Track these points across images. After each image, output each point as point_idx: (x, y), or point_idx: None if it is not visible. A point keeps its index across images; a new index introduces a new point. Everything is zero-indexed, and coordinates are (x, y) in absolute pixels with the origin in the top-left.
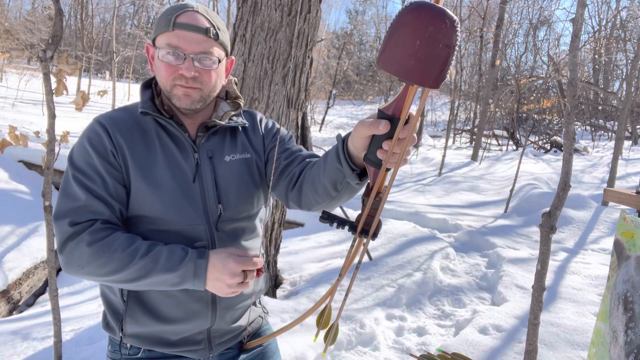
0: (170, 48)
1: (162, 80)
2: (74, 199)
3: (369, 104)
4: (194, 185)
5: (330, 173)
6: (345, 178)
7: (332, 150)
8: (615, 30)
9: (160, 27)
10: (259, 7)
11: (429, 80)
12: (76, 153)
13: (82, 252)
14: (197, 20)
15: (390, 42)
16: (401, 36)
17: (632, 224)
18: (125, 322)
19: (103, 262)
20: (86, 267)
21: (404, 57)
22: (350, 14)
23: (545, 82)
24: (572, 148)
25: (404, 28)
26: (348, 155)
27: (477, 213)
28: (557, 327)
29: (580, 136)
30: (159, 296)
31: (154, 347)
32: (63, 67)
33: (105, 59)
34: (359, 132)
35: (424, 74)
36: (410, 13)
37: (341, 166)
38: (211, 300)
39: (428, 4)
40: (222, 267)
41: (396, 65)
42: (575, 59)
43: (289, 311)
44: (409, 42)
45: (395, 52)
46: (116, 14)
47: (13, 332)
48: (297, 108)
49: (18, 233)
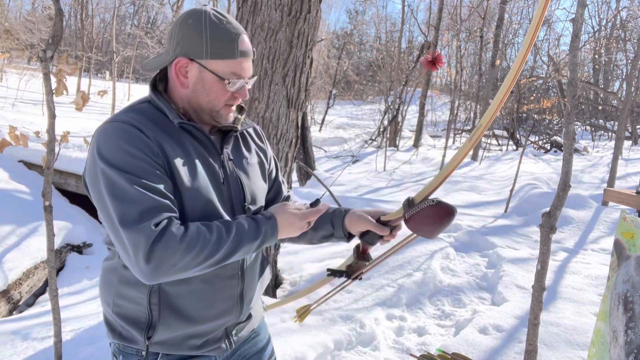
0: (235, 76)
1: (214, 102)
2: (139, 201)
3: (369, 104)
4: (224, 186)
5: (320, 231)
6: (334, 238)
7: (325, 217)
8: (615, 30)
9: (220, 52)
10: (259, 7)
11: (433, 236)
12: (116, 156)
13: (175, 250)
14: (249, 46)
15: (422, 218)
16: (431, 222)
17: (632, 224)
18: (157, 330)
19: (196, 252)
20: (179, 264)
21: (425, 228)
22: (350, 14)
23: (545, 82)
24: (572, 148)
25: (436, 220)
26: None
27: (477, 213)
28: (557, 327)
29: (580, 136)
30: (193, 300)
31: (180, 352)
32: (63, 67)
33: (105, 59)
34: (363, 226)
35: (433, 235)
36: (445, 214)
37: (334, 233)
38: (239, 296)
39: (451, 213)
40: (289, 225)
41: (417, 229)
42: (575, 59)
43: (288, 311)
44: (433, 223)
45: (422, 224)
46: (116, 14)
47: (13, 332)
48: (297, 108)
49: (18, 233)
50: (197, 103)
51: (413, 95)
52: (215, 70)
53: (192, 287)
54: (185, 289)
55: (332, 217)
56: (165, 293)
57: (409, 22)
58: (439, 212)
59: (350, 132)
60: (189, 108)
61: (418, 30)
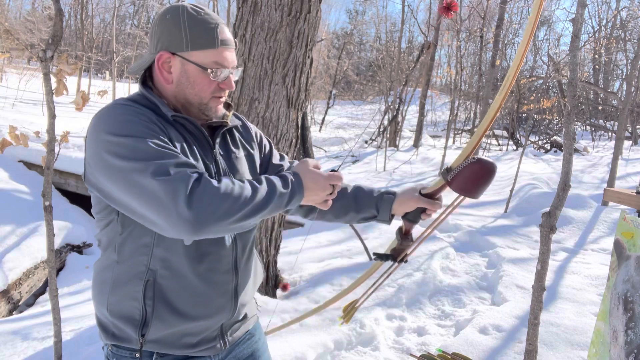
0: (218, 66)
1: (201, 94)
2: (168, 155)
3: (369, 104)
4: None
5: (363, 213)
6: (375, 220)
7: (369, 200)
8: (615, 30)
9: (200, 42)
10: (259, 7)
11: (478, 194)
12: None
13: (214, 193)
14: (230, 35)
15: (465, 178)
16: (475, 179)
17: (632, 224)
18: (151, 326)
19: (235, 197)
20: (220, 209)
21: (470, 185)
22: (350, 14)
23: (545, 82)
24: (572, 148)
25: (479, 175)
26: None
27: (477, 213)
28: (557, 327)
29: (580, 136)
30: (187, 295)
31: (175, 351)
32: (63, 67)
33: (105, 59)
34: (413, 203)
35: (477, 192)
36: (487, 171)
37: (377, 216)
38: (233, 292)
39: (492, 168)
40: (314, 183)
41: (462, 190)
42: (575, 59)
43: (289, 311)
44: (478, 182)
45: (466, 184)
46: (116, 14)
47: (13, 332)
48: (297, 108)
49: (18, 233)
50: (184, 97)
51: (413, 95)
52: (197, 61)
53: (186, 282)
54: (179, 284)
55: (378, 201)
56: (160, 287)
57: (409, 22)
58: (481, 168)
59: (350, 132)
60: (176, 104)
61: (418, 30)
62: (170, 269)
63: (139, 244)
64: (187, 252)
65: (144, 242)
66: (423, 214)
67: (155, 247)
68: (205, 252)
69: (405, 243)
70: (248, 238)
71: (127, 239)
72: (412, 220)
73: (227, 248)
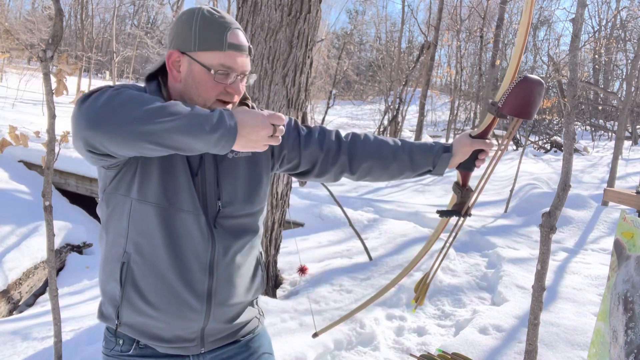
0: (224, 68)
1: (204, 95)
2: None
3: (369, 104)
4: (196, 178)
5: (419, 171)
6: (431, 174)
7: (426, 159)
8: (615, 30)
9: (209, 44)
10: (259, 7)
11: (533, 112)
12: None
13: (120, 92)
14: (243, 40)
15: (515, 97)
16: (526, 95)
17: (632, 224)
18: (122, 307)
19: (141, 99)
20: (121, 110)
21: (523, 104)
22: (350, 14)
23: (545, 82)
24: (572, 148)
25: (529, 92)
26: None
27: (477, 213)
28: (557, 327)
29: (580, 136)
30: (155, 284)
31: (146, 340)
32: (63, 67)
33: (105, 59)
34: (469, 148)
35: (532, 110)
36: (536, 85)
37: (433, 171)
38: (207, 296)
39: (540, 82)
40: (252, 119)
41: (516, 111)
42: (575, 59)
43: (289, 311)
44: (530, 98)
45: (519, 104)
46: (116, 14)
47: (13, 332)
48: (297, 108)
49: (18, 233)
50: (189, 98)
51: (413, 95)
52: (203, 62)
53: (156, 271)
54: (149, 271)
55: (435, 157)
56: (131, 271)
57: (409, 22)
58: (530, 83)
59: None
60: (178, 99)
61: (418, 30)
62: (142, 255)
63: (119, 226)
64: (161, 240)
65: (122, 224)
66: (477, 160)
67: (130, 230)
68: (180, 245)
69: (466, 194)
70: (234, 243)
71: (110, 219)
72: (467, 169)
73: (203, 246)
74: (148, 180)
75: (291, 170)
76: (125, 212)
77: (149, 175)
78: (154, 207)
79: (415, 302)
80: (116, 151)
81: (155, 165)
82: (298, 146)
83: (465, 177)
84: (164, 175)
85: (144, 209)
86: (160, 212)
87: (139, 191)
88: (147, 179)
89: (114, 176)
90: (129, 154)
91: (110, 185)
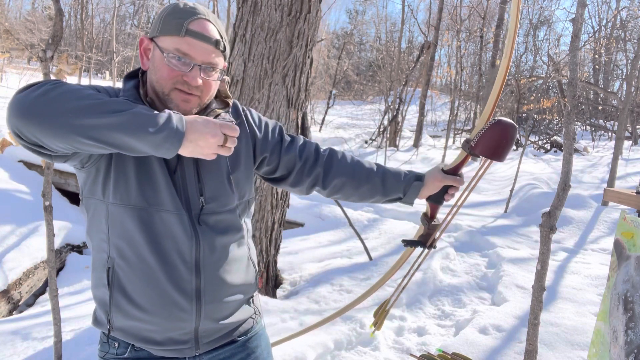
0: (179, 54)
1: (161, 81)
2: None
3: (369, 104)
4: (175, 175)
5: (389, 196)
6: (401, 202)
7: (397, 185)
8: (615, 30)
9: (168, 28)
10: (259, 7)
11: (503, 154)
12: None
13: (63, 89)
14: (209, 30)
15: (487, 139)
16: (498, 138)
17: (632, 224)
18: (112, 312)
19: (79, 93)
20: (56, 101)
21: (494, 147)
22: (350, 14)
23: (545, 82)
24: (572, 148)
25: (501, 135)
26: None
27: (477, 213)
28: (557, 327)
29: (580, 136)
30: (142, 287)
31: (140, 344)
32: (63, 67)
33: (105, 59)
34: (439, 183)
35: (503, 152)
36: (509, 129)
37: (403, 199)
38: (195, 294)
39: (513, 126)
40: (203, 126)
41: (487, 152)
42: (575, 59)
43: (289, 311)
44: (501, 141)
45: (490, 145)
46: (116, 14)
47: (13, 332)
48: (297, 108)
49: (18, 233)
50: (153, 88)
51: (413, 95)
52: (161, 46)
53: (142, 273)
54: (137, 274)
55: (406, 186)
56: (117, 275)
57: (409, 22)
58: (502, 128)
59: (350, 132)
60: (152, 93)
61: (418, 30)
62: (125, 259)
63: (99, 231)
64: (143, 242)
65: (102, 229)
66: (446, 194)
67: (110, 234)
68: (162, 245)
69: (433, 227)
70: (220, 239)
71: (91, 225)
72: (436, 202)
73: (186, 244)
74: (124, 183)
75: (268, 174)
76: (103, 217)
77: (124, 177)
78: (132, 209)
79: (374, 326)
80: (49, 143)
81: (130, 166)
82: (279, 151)
83: (434, 210)
84: (140, 175)
85: (121, 212)
86: (138, 213)
87: (114, 194)
88: (123, 181)
89: (86, 179)
90: (64, 147)
91: (86, 189)
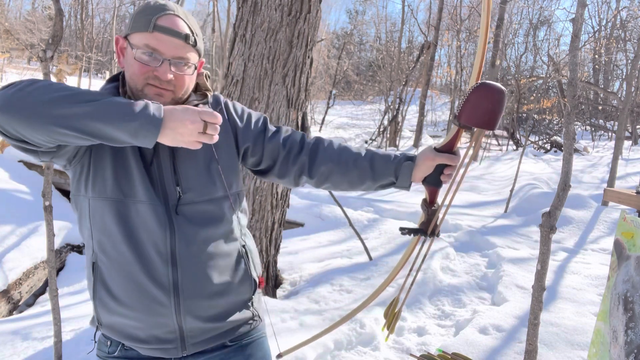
0: (148, 49)
1: (134, 77)
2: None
3: (369, 104)
4: (152, 167)
5: (381, 181)
6: (394, 187)
7: (387, 167)
8: (615, 30)
9: (137, 25)
10: (259, 7)
11: (494, 122)
12: None
13: (39, 84)
14: (177, 25)
15: (472, 105)
16: (483, 104)
17: (632, 224)
18: (97, 307)
19: (57, 86)
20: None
21: (481, 113)
22: (350, 14)
23: (545, 82)
24: (572, 148)
25: (485, 99)
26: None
27: (477, 213)
28: (557, 327)
29: (580, 136)
30: (120, 281)
31: (128, 342)
32: (63, 67)
33: (105, 59)
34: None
35: (493, 120)
36: (494, 92)
37: (397, 183)
38: (173, 288)
39: (499, 88)
40: (182, 113)
41: (474, 120)
42: (575, 59)
43: (289, 311)
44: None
45: (475, 113)
46: (116, 14)
47: (13, 332)
48: (297, 108)
49: (18, 233)
50: (128, 82)
51: (413, 95)
52: (131, 42)
53: (122, 267)
54: (116, 268)
55: (397, 167)
56: (99, 270)
57: (409, 22)
58: (486, 92)
59: (350, 132)
60: (129, 91)
61: (418, 30)
62: (105, 253)
63: (85, 227)
64: (119, 235)
65: (86, 225)
66: (442, 175)
67: (93, 229)
68: (137, 237)
69: (433, 212)
70: (199, 231)
71: (79, 222)
72: (433, 184)
73: (160, 235)
74: (102, 176)
75: (254, 166)
76: (86, 212)
77: (102, 170)
78: (109, 202)
79: (387, 329)
80: (29, 136)
81: (108, 159)
82: (262, 140)
83: (433, 194)
84: (116, 168)
85: (100, 205)
86: (115, 206)
87: (93, 188)
88: (101, 175)
89: (73, 177)
90: (45, 139)
91: (73, 187)
